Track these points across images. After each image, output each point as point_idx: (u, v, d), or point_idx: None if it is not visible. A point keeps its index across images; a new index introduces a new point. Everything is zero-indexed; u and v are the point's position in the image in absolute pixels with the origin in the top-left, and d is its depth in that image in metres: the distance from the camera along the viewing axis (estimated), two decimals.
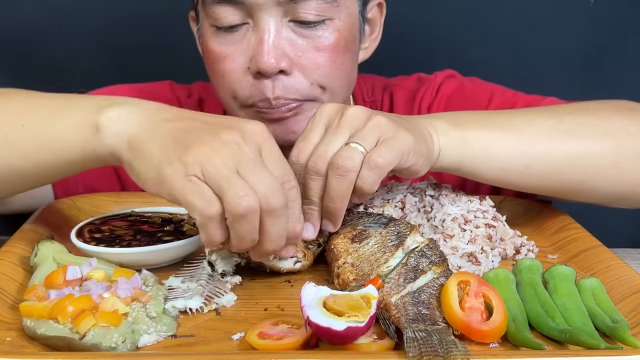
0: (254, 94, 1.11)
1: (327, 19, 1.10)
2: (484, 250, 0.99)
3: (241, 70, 1.11)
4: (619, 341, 0.77)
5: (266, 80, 1.09)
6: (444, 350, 0.71)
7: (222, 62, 1.12)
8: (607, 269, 0.95)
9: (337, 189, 0.88)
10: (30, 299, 0.82)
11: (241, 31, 1.10)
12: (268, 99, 1.10)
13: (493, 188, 1.24)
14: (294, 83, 1.10)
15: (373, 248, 0.90)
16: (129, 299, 0.81)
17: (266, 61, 1.06)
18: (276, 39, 1.08)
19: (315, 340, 0.76)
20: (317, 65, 1.11)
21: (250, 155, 0.81)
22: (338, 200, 0.89)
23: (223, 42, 1.11)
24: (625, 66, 1.71)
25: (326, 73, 1.12)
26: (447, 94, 1.35)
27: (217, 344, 0.78)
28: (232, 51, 1.11)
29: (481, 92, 1.34)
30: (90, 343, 0.74)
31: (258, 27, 1.08)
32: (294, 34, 1.10)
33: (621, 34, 1.69)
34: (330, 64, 1.12)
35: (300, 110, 1.13)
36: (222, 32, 1.11)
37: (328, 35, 1.11)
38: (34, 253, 0.94)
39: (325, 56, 1.11)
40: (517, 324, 0.80)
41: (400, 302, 0.80)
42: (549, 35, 1.69)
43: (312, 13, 1.08)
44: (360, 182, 0.89)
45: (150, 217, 1.07)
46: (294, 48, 1.10)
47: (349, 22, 1.14)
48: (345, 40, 1.13)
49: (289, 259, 0.94)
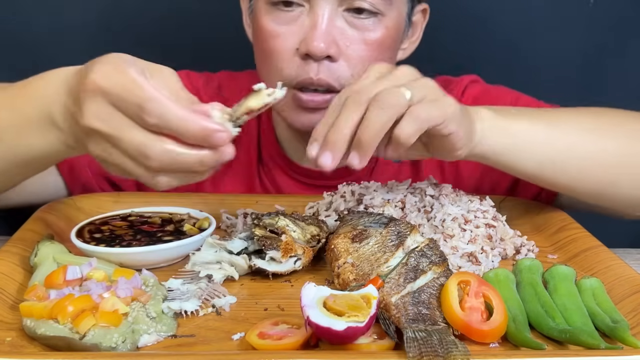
0: (299, 73, 1.14)
1: (379, 14, 1.14)
2: (484, 250, 0.99)
3: (290, 51, 1.14)
4: (619, 341, 0.77)
5: (313, 63, 1.13)
6: (444, 350, 0.71)
7: (273, 41, 1.15)
8: (607, 269, 0.95)
9: (374, 120, 0.87)
10: (30, 299, 0.82)
11: (296, 12, 1.13)
12: (311, 78, 1.13)
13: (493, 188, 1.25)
14: (337, 69, 1.14)
15: (373, 248, 0.90)
16: (129, 299, 0.81)
17: (316, 45, 1.10)
18: (329, 25, 1.12)
19: (315, 340, 0.76)
20: (361, 58, 1.15)
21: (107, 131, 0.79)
22: (372, 132, 0.87)
23: (277, 20, 1.14)
24: (625, 66, 1.71)
25: (367, 67, 1.14)
26: (472, 95, 1.36)
27: (217, 344, 0.78)
28: (284, 31, 1.14)
29: (506, 97, 1.35)
30: (90, 343, 0.74)
31: (314, 12, 1.12)
32: (346, 23, 1.14)
33: (621, 34, 1.69)
34: (373, 59, 1.15)
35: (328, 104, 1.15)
36: (277, 9, 1.14)
37: (377, 30, 1.14)
38: (34, 253, 0.94)
39: (370, 50, 1.15)
40: (517, 324, 0.80)
41: (401, 302, 0.80)
42: (549, 35, 1.68)
43: (367, 2, 1.12)
44: (399, 130, 0.87)
45: (150, 217, 1.07)
46: (344, 37, 1.13)
47: (397, 21, 1.18)
48: (392, 38, 1.17)
49: (288, 259, 0.94)
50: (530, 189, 1.26)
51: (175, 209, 1.09)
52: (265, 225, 0.97)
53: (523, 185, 1.27)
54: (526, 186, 1.26)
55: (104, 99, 0.79)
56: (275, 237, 0.95)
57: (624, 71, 1.71)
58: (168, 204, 1.14)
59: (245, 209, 1.16)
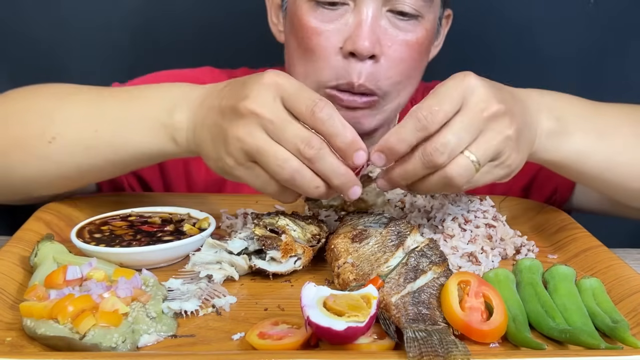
0: (340, 75, 1.14)
1: (420, 17, 1.14)
2: (484, 250, 0.99)
3: (333, 49, 1.14)
4: (619, 341, 0.77)
5: (355, 63, 1.12)
6: (444, 350, 0.71)
7: (316, 38, 1.14)
8: (607, 269, 0.95)
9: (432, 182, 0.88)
10: (30, 299, 0.81)
11: (340, 10, 1.13)
12: (352, 83, 1.13)
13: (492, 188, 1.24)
14: (378, 71, 1.14)
15: (373, 248, 0.90)
16: (129, 299, 0.81)
17: (362, 44, 1.10)
18: (374, 24, 1.12)
19: (315, 340, 0.76)
20: (401, 59, 1.15)
21: (270, 117, 0.86)
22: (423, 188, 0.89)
23: (321, 17, 1.14)
24: (625, 66, 1.71)
25: (406, 69, 1.16)
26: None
27: (217, 344, 0.78)
28: (328, 29, 1.13)
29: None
30: (90, 343, 0.74)
31: (359, 10, 1.12)
32: (389, 23, 1.14)
33: (621, 34, 1.69)
34: (412, 61, 1.16)
35: (374, 105, 1.17)
36: (321, 7, 1.13)
37: (418, 32, 1.15)
38: (34, 253, 0.94)
39: (409, 52, 1.15)
40: (517, 324, 0.80)
41: (401, 302, 0.80)
42: (549, 35, 1.68)
43: (409, 5, 1.12)
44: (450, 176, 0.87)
45: (150, 217, 1.07)
46: (386, 37, 1.14)
47: (433, 25, 1.19)
48: (429, 40, 1.18)
49: (288, 259, 0.95)
50: (543, 191, 1.26)
51: (175, 209, 1.09)
52: (266, 224, 0.97)
53: (537, 187, 1.27)
54: (540, 188, 1.26)
55: (276, 91, 0.87)
56: (276, 236, 0.95)
57: (624, 71, 1.71)
58: (168, 204, 1.14)
59: (245, 209, 1.17)
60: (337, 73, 1.14)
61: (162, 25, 1.65)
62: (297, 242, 0.96)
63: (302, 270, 0.97)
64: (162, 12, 1.65)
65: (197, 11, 1.64)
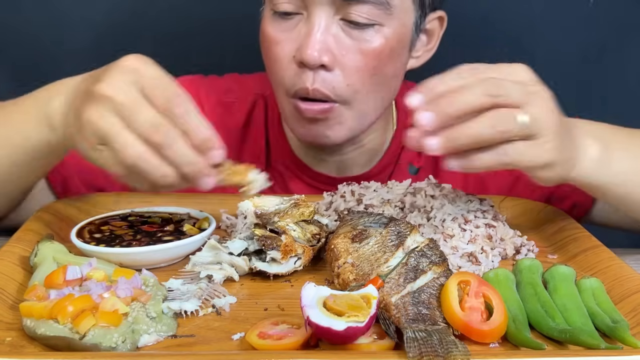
0: (296, 82, 1.14)
1: (377, 24, 1.12)
2: (484, 250, 0.99)
3: (288, 58, 1.14)
4: (619, 341, 0.77)
5: (308, 72, 1.12)
6: (444, 350, 0.71)
7: (274, 47, 1.16)
8: (607, 269, 0.95)
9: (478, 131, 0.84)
10: (30, 299, 0.81)
11: (295, 20, 1.14)
12: (306, 88, 1.13)
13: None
14: (332, 79, 1.13)
15: (373, 248, 0.90)
16: (129, 299, 0.81)
17: (310, 53, 1.10)
18: (324, 34, 1.11)
19: (315, 340, 0.76)
20: (357, 68, 1.14)
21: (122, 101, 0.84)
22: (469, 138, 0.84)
23: (277, 27, 1.15)
24: (625, 66, 1.71)
25: (363, 77, 1.15)
26: None
27: (217, 344, 0.78)
28: (283, 38, 1.15)
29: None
30: (90, 343, 0.74)
31: (310, 20, 1.12)
32: (343, 32, 1.13)
33: (621, 33, 1.69)
34: (369, 69, 1.14)
35: (331, 114, 1.16)
36: (278, 17, 1.14)
37: (374, 41, 1.13)
38: (34, 253, 0.94)
39: (366, 61, 1.13)
40: (517, 324, 0.80)
41: (400, 302, 0.80)
42: (549, 35, 1.68)
43: (363, 16, 1.11)
44: (477, 158, 0.85)
45: (150, 217, 1.07)
46: (339, 46, 1.12)
47: (400, 31, 1.16)
48: (391, 49, 1.15)
49: (289, 260, 0.94)
50: (562, 206, 1.25)
51: (175, 209, 1.09)
52: (266, 224, 0.97)
53: (555, 203, 1.26)
54: (558, 203, 1.25)
55: (133, 76, 0.86)
56: (276, 236, 0.95)
57: (624, 71, 1.71)
58: (168, 204, 1.14)
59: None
60: (294, 80, 1.14)
61: (163, 26, 1.65)
62: (297, 242, 0.96)
63: (302, 270, 0.97)
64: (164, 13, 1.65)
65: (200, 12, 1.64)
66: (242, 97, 1.37)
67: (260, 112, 1.36)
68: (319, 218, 1.04)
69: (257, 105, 1.37)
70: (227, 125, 1.34)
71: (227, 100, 1.37)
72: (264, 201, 1.01)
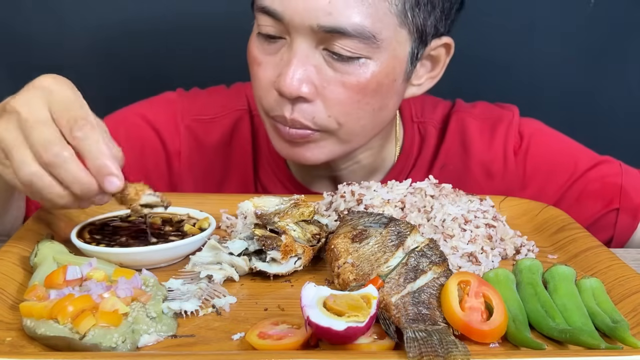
0: (274, 108, 1.12)
1: (364, 57, 1.07)
2: (484, 250, 0.99)
3: (269, 82, 1.11)
4: (619, 341, 0.77)
5: (287, 102, 1.09)
6: (444, 350, 0.71)
7: (257, 67, 1.13)
8: (607, 269, 0.95)
9: None
10: (30, 299, 0.81)
11: (278, 44, 1.10)
12: (285, 117, 1.10)
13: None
14: (312, 111, 1.09)
15: (373, 248, 0.90)
16: (129, 299, 0.81)
17: (288, 85, 1.06)
18: (304, 64, 1.07)
19: (315, 340, 0.76)
20: (338, 101, 1.09)
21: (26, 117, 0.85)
22: None
23: (261, 48, 1.12)
24: (625, 66, 1.71)
25: (346, 110, 1.10)
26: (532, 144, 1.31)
27: (217, 344, 0.78)
28: (266, 61, 1.11)
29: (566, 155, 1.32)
30: (90, 343, 0.74)
31: (291, 48, 1.08)
32: (325, 63, 1.08)
33: (621, 34, 1.69)
34: (353, 102, 1.10)
35: (312, 140, 1.13)
36: (262, 38, 1.11)
37: (359, 74, 1.08)
38: (34, 253, 0.94)
39: (349, 94, 1.09)
40: (517, 324, 0.80)
41: (401, 302, 0.80)
42: (549, 36, 1.69)
43: (347, 49, 1.06)
44: None
45: (150, 217, 1.07)
46: (321, 77, 1.08)
47: (390, 64, 1.10)
48: (378, 82, 1.10)
49: (289, 260, 0.94)
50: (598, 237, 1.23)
51: (175, 209, 1.09)
52: (266, 224, 0.97)
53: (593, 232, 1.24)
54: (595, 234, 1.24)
55: (44, 95, 0.86)
56: (276, 236, 0.95)
57: (624, 71, 1.71)
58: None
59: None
60: (272, 106, 1.12)
61: (162, 26, 1.65)
62: (297, 242, 0.96)
63: (302, 270, 0.97)
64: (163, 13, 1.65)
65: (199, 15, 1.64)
66: (224, 113, 1.35)
67: (246, 128, 1.34)
68: (319, 218, 1.04)
69: (242, 120, 1.34)
70: (204, 142, 1.33)
71: (205, 118, 1.34)
72: (264, 201, 1.01)
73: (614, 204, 1.26)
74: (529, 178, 1.30)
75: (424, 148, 1.33)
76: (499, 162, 1.30)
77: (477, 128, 1.33)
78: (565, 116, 1.63)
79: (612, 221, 1.24)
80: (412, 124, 1.34)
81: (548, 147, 1.32)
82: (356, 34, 1.04)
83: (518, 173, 1.30)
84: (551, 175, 1.28)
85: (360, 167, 1.29)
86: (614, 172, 1.29)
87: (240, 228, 1.05)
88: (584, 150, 1.34)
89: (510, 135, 1.32)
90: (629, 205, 1.26)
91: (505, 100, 1.39)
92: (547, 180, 1.29)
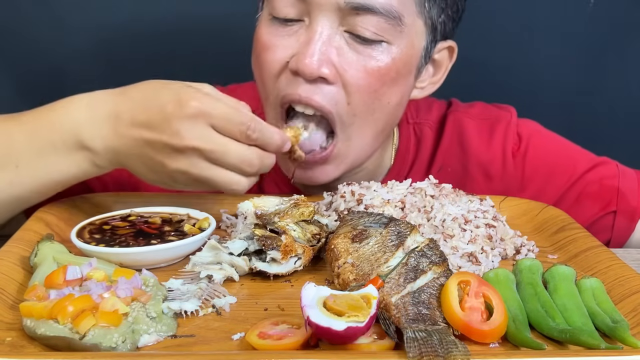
0: (284, 88, 1.07)
1: (385, 42, 1.05)
2: (484, 250, 0.99)
3: (279, 63, 1.07)
4: (619, 341, 0.77)
5: (303, 82, 1.05)
6: (444, 350, 0.71)
7: (265, 53, 1.09)
8: (607, 269, 0.95)
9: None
10: (30, 299, 0.81)
11: (294, 27, 1.07)
12: (299, 95, 1.06)
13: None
14: (335, 94, 1.06)
15: (373, 248, 0.90)
16: (129, 299, 0.81)
17: (308, 63, 1.03)
18: (326, 44, 1.04)
19: (315, 340, 0.76)
20: (358, 87, 1.06)
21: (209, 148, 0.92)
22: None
23: (274, 32, 1.08)
24: (625, 67, 1.71)
25: (364, 100, 1.08)
26: (530, 146, 1.30)
27: (217, 344, 0.78)
28: (277, 44, 1.07)
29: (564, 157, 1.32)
30: (90, 343, 0.74)
31: (311, 27, 1.04)
32: (347, 45, 1.06)
33: (621, 34, 1.69)
34: (372, 90, 1.07)
35: (328, 159, 1.12)
36: (277, 22, 1.08)
37: (381, 59, 1.06)
38: (34, 253, 0.94)
39: (369, 80, 1.06)
40: (517, 324, 0.80)
41: (401, 302, 0.80)
42: (549, 35, 1.69)
43: (370, 29, 1.04)
44: None
45: (150, 217, 1.07)
46: (342, 60, 1.05)
47: (409, 53, 1.08)
48: (397, 71, 1.08)
49: (289, 260, 0.94)
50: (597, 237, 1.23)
51: (175, 209, 1.09)
52: (266, 224, 0.97)
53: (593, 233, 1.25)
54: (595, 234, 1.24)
55: (204, 121, 0.92)
56: (276, 236, 0.95)
57: (624, 71, 1.71)
58: (168, 204, 1.14)
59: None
60: (281, 88, 1.07)
61: (162, 26, 1.65)
62: (297, 242, 0.96)
63: (302, 270, 0.97)
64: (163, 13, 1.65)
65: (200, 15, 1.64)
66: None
67: None
68: (319, 218, 1.04)
69: None
70: None
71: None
72: (264, 201, 1.01)
73: (611, 207, 1.27)
74: (527, 180, 1.29)
75: (420, 149, 1.32)
76: (498, 164, 1.30)
77: (475, 128, 1.33)
78: (565, 116, 1.64)
79: (610, 223, 1.24)
80: (407, 125, 1.33)
81: (546, 149, 1.32)
82: (384, 11, 1.03)
83: (517, 175, 1.30)
84: (550, 177, 1.28)
85: (364, 175, 1.27)
86: (611, 174, 1.29)
87: (240, 228, 1.05)
88: (581, 151, 1.34)
89: (508, 137, 1.32)
90: (626, 208, 1.27)
91: (505, 100, 1.39)
92: (545, 182, 1.29)
